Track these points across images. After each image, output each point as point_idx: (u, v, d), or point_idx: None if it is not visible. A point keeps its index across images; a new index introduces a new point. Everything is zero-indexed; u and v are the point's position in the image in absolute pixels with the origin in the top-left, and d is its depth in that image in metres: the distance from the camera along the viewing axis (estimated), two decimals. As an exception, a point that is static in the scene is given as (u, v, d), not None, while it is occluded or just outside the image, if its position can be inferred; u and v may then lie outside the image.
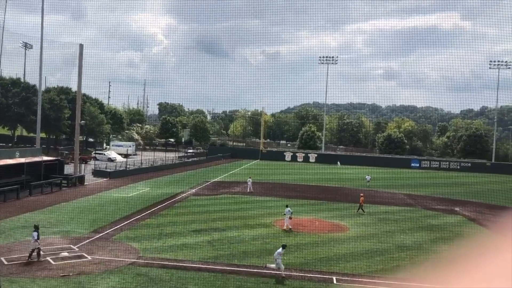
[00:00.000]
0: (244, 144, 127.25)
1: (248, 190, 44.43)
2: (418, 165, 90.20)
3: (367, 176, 56.15)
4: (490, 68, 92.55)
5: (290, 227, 28.14)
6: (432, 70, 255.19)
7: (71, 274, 18.35)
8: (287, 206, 29.33)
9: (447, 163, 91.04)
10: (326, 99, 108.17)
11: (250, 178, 46.63)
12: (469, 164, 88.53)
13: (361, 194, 36.91)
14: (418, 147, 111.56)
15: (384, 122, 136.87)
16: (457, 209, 39.86)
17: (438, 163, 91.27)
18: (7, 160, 37.57)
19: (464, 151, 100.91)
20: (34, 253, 19.98)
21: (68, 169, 49.79)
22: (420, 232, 29.53)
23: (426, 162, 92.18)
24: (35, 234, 19.97)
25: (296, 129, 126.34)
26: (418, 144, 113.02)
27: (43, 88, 69.95)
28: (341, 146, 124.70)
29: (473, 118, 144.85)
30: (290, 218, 28.38)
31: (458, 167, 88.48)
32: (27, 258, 19.83)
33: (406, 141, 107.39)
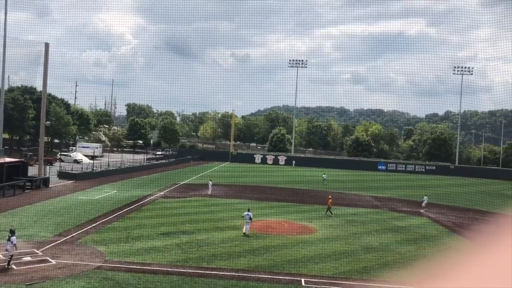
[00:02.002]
0: (214, 146, 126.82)
1: (209, 192, 44.04)
2: (384, 167, 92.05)
3: (323, 175, 61.87)
4: (454, 73, 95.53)
5: (248, 232, 27.08)
6: (399, 75, 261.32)
7: (36, 282, 17.80)
8: (248, 210, 28.08)
9: (413, 165, 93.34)
10: (295, 102, 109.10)
11: (210, 180, 46.24)
12: (434, 167, 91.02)
13: (329, 196, 37.37)
14: (384, 150, 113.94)
15: (352, 125, 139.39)
16: (422, 211, 40.86)
17: (404, 165, 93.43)
18: (-33, 161, 36.22)
19: (429, 154, 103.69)
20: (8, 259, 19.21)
21: (32, 170, 48.39)
22: (386, 234, 30.12)
23: (392, 164, 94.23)
24: (14, 238, 19.22)
25: (266, 132, 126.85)
26: (385, 147, 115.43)
27: (6, 87, 67.86)
28: (310, 149, 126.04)
29: (437, 122, 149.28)
30: (249, 222, 27.22)
31: (423, 169, 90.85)
32: (6, 265, 19.07)
33: (373, 144, 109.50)
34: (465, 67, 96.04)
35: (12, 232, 19.60)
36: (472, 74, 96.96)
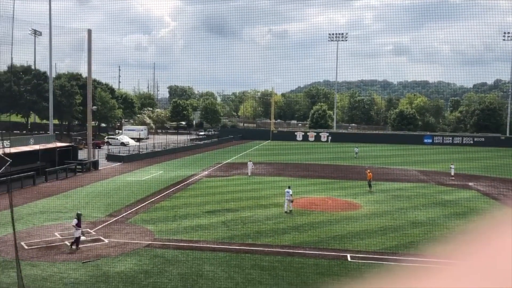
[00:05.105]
0: (255, 125, 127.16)
1: (248, 174, 42.71)
2: (431, 141, 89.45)
3: (355, 149, 61.62)
4: (503, 39, 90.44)
5: (291, 209, 27.26)
6: (443, 44, 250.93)
7: (91, 260, 18.70)
8: (289, 187, 27.98)
9: (460, 138, 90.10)
10: (336, 77, 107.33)
11: (250, 161, 44.57)
12: (483, 139, 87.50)
13: (368, 170, 36.80)
14: (430, 123, 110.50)
15: (396, 98, 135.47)
16: (470, 184, 39.63)
17: (451, 138, 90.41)
18: (22, 147, 38.08)
19: (477, 126, 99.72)
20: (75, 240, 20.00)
21: (82, 154, 50.34)
22: (433, 208, 29.48)
23: (438, 137, 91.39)
24: (74, 221, 19.99)
25: (306, 109, 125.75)
26: (431, 120, 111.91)
27: (53, 74, 70.42)
28: (353, 124, 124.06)
29: (486, 91, 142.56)
30: (290, 199, 27.18)
31: (472, 142, 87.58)
32: (71, 246, 19.97)
33: (418, 117, 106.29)
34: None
35: (77, 216, 20.34)
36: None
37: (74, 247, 19.84)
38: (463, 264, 1.18)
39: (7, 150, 27.08)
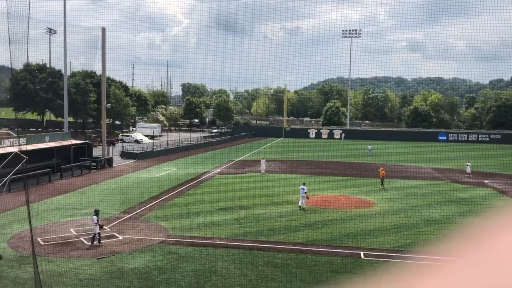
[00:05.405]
0: (268, 122, 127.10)
1: (262, 171, 42.56)
2: (445, 138, 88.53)
3: (369, 146, 61.68)
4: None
5: (305, 206, 27.33)
6: (458, 40, 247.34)
7: (106, 256, 18.90)
8: (304, 184, 27.93)
9: (476, 135, 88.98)
10: (350, 73, 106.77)
11: (263, 158, 44.39)
12: (499, 136, 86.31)
13: (380, 168, 36.53)
14: (445, 120, 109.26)
15: (410, 95, 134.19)
16: (486, 181, 39.14)
17: (466, 135, 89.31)
18: (38, 144, 38.59)
19: (493, 122, 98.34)
20: (97, 236, 20.26)
21: (96, 151, 50.82)
22: (448, 206, 29.19)
23: (453, 134, 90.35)
24: (94, 218, 20.12)
25: (320, 106, 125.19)
26: (446, 117, 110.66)
27: (68, 72, 71.15)
28: (367, 121, 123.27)
29: (503, 88, 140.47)
30: (304, 196, 27.21)
31: (488, 139, 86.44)
32: (91, 243, 20.18)
33: (433, 114, 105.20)
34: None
35: (95, 212, 20.53)
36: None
37: (96, 243, 20.08)
38: (474, 262, 1.17)
39: (24, 148, 27.50)
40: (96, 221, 20.05)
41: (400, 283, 1.22)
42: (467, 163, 43.04)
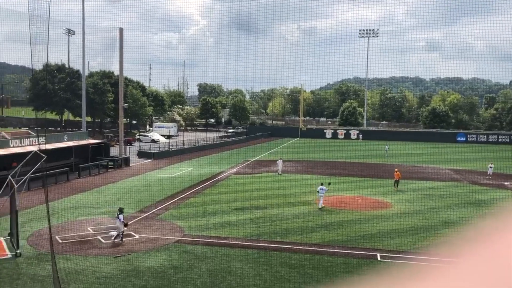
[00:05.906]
0: (284, 122, 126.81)
1: (279, 172, 42.17)
2: (464, 139, 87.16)
3: (386, 147, 61.66)
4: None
5: (323, 205, 27.50)
6: (478, 40, 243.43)
7: (123, 255, 19.07)
8: (322, 184, 28.20)
9: (496, 136, 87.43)
10: (367, 73, 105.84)
11: (281, 159, 43.85)
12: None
13: (396, 170, 36.01)
14: (464, 121, 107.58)
15: (428, 95, 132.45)
16: (507, 183, 38.42)
17: (485, 136, 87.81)
18: (57, 144, 39.14)
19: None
20: (121, 234, 20.50)
21: (114, 151, 51.34)
22: (467, 208, 28.74)
23: (473, 135, 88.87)
24: (121, 216, 20.35)
25: (336, 106, 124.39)
26: (464, 117, 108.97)
27: (86, 73, 72.04)
28: (384, 122, 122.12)
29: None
30: (322, 196, 27.44)
31: (508, 140, 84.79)
32: (119, 240, 20.47)
33: (451, 114, 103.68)
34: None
35: (120, 210, 20.75)
36: None
37: (118, 240, 20.42)
38: (487, 262, 1.12)
39: (43, 147, 27.90)
40: (122, 220, 20.30)
41: (417, 285, 1.19)
42: (490, 165, 41.98)
